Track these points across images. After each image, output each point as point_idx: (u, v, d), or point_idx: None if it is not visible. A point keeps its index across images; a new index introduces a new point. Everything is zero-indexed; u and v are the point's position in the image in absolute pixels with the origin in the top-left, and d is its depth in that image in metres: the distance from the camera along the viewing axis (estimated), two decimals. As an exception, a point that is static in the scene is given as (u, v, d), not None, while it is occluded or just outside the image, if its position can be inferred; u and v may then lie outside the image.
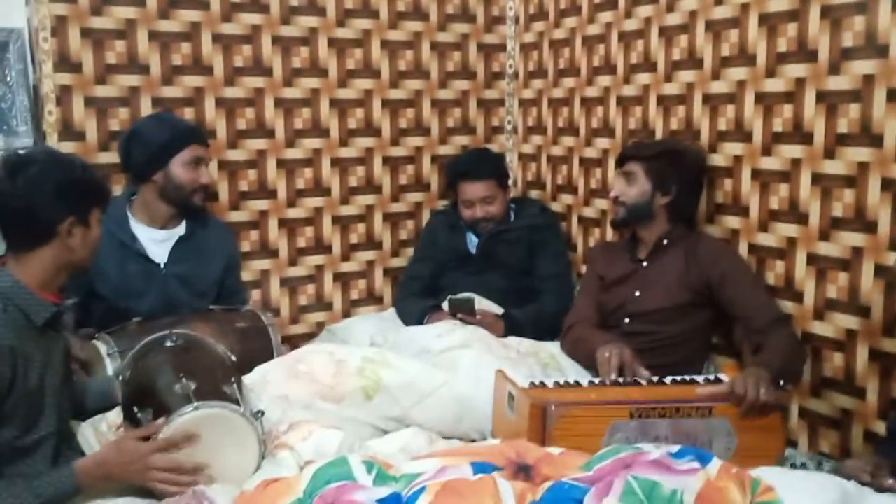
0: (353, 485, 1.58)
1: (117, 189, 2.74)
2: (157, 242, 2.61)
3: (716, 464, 1.61)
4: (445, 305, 2.84)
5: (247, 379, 2.14)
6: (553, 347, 2.62)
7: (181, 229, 2.65)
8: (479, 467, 1.61)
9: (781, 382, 2.12)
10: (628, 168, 2.53)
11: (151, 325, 2.31)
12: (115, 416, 2.07)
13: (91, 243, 1.87)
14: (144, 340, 2.10)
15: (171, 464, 1.77)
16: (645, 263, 2.54)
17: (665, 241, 2.51)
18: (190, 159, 2.58)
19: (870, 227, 2.17)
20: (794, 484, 1.63)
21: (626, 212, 2.53)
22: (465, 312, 2.73)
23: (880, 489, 1.71)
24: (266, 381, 2.19)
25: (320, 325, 3.14)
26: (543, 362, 2.52)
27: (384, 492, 1.56)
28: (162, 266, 2.58)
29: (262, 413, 1.93)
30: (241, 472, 1.83)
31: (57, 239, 1.80)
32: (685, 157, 2.53)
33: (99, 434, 2.05)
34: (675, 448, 1.65)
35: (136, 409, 1.86)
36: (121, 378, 2.04)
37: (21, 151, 1.86)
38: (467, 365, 2.33)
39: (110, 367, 2.25)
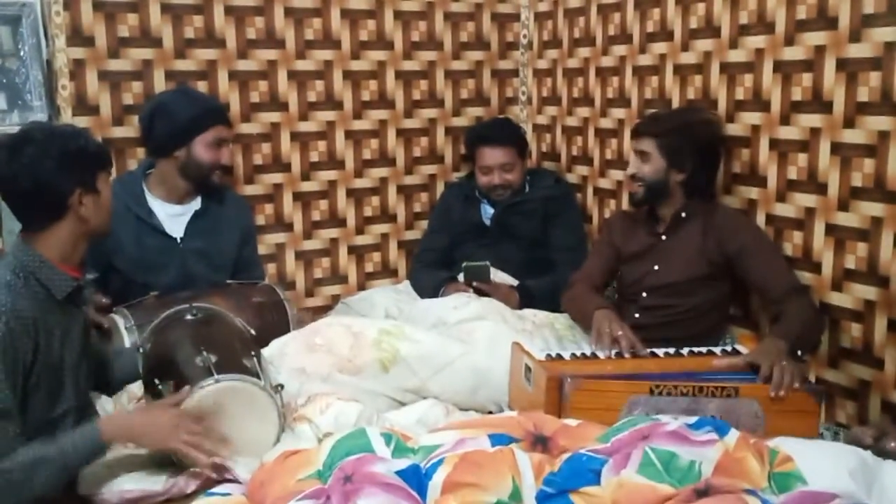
0: (372, 457, 1.59)
1: (132, 164, 2.75)
2: (173, 217, 2.61)
3: (734, 435, 1.62)
4: (461, 276, 2.85)
5: (264, 352, 2.15)
6: (568, 319, 2.62)
7: (197, 204, 2.65)
8: (497, 439, 1.62)
9: (799, 353, 2.12)
10: (642, 146, 2.48)
11: (169, 299, 2.32)
12: (136, 388, 2.09)
13: (104, 208, 1.87)
14: (165, 313, 2.12)
15: (198, 429, 1.77)
16: (664, 237, 2.52)
17: (683, 215, 2.49)
18: (213, 140, 2.58)
19: (889, 197, 2.14)
20: (812, 453, 1.63)
21: (645, 190, 2.48)
22: (480, 280, 2.74)
23: (880, 453, 1.71)
24: (283, 355, 2.20)
25: (335, 298, 3.15)
26: (559, 334, 2.52)
27: (403, 463, 1.57)
28: (179, 240, 2.59)
29: (282, 387, 1.95)
30: (260, 445, 1.85)
31: (70, 212, 1.80)
32: (699, 131, 2.48)
33: (119, 406, 2.07)
34: (693, 419, 1.65)
35: (157, 382, 1.88)
36: (141, 350, 2.05)
37: (16, 131, 1.84)
38: (483, 336, 2.34)
39: (128, 340, 2.26)
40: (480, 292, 2.76)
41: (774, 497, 1.52)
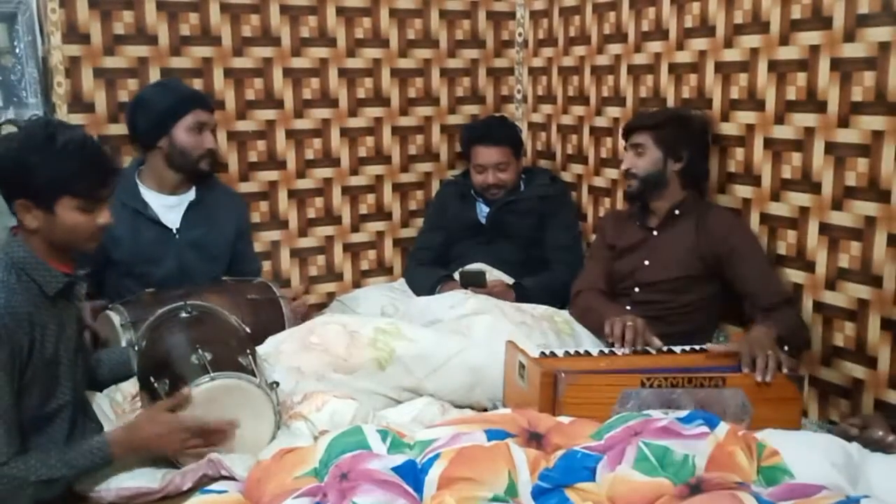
0: (369, 453, 1.59)
1: (127, 161, 2.74)
2: (168, 208, 2.61)
3: (724, 427, 1.62)
4: (457, 274, 2.85)
5: (259, 350, 2.16)
6: (566, 315, 2.62)
7: (191, 195, 2.65)
8: (493, 434, 1.62)
9: (786, 348, 2.12)
10: (636, 139, 2.52)
11: (164, 295, 2.32)
12: (130, 386, 2.09)
13: (64, 230, 1.78)
14: (159, 311, 2.12)
15: (201, 424, 1.80)
16: (655, 232, 2.53)
17: (677, 211, 2.50)
18: (193, 124, 2.58)
19: (883, 197, 2.16)
20: (799, 445, 1.65)
21: (640, 183, 2.52)
22: (476, 286, 2.73)
23: (867, 443, 1.72)
24: (279, 353, 2.20)
25: (331, 296, 3.15)
26: (558, 327, 2.51)
27: (399, 459, 1.57)
28: (175, 231, 2.59)
29: (278, 384, 1.95)
30: (257, 442, 1.85)
31: (20, 215, 1.79)
32: (692, 122, 2.53)
33: (115, 404, 2.07)
34: (684, 413, 1.66)
35: (152, 380, 1.88)
36: (136, 348, 2.05)
37: (15, 127, 1.86)
38: (482, 329, 2.33)
39: (123, 337, 2.26)
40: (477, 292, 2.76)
41: (763, 490, 1.53)
